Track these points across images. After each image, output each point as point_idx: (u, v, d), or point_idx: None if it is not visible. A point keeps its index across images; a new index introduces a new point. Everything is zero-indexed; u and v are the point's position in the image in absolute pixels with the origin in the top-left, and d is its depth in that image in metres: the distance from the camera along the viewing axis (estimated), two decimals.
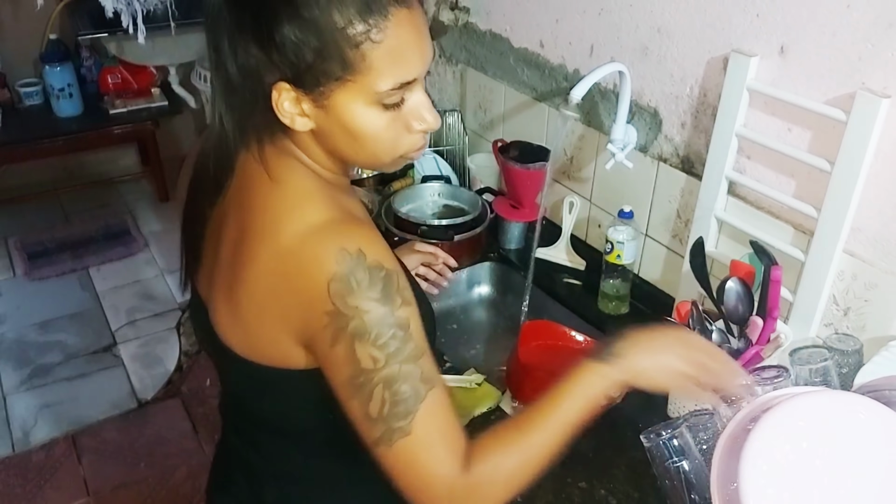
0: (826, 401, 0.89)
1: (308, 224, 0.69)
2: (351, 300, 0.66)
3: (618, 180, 1.38)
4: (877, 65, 0.93)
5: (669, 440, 0.91)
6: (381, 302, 0.67)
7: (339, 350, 0.68)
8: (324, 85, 0.68)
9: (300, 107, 0.69)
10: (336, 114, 0.69)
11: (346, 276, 0.66)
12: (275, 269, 0.70)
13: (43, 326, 2.66)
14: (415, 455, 0.69)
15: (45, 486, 2.07)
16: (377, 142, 0.72)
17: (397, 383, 0.68)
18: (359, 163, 0.76)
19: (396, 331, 0.68)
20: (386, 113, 0.70)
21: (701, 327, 1.03)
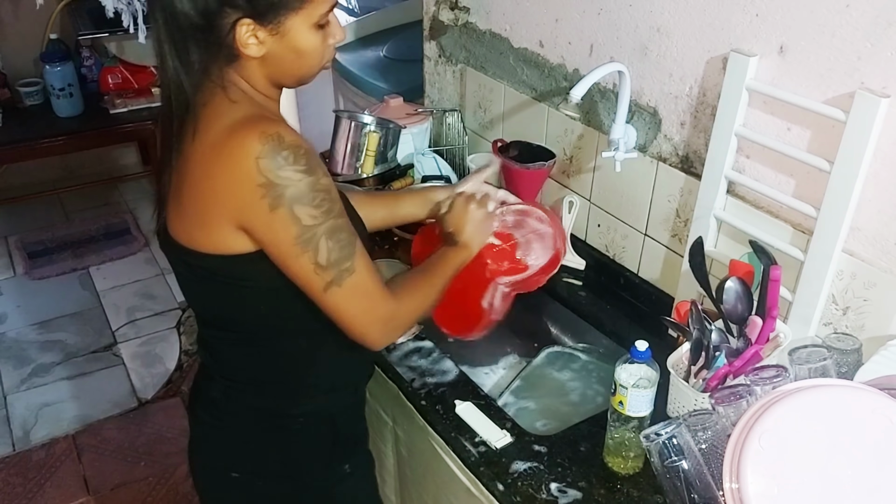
0: (831, 394, 0.89)
1: (233, 119, 0.83)
2: (282, 172, 0.80)
3: (617, 180, 1.38)
4: (876, 64, 0.93)
5: (669, 440, 0.91)
6: (307, 172, 0.82)
7: (280, 214, 0.81)
8: (281, 16, 0.83)
9: (256, 36, 0.84)
10: (288, 38, 0.85)
11: (272, 152, 0.80)
12: (207, 159, 0.83)
13: (43, 325, 2.66)
14: (363, 285, 0.88)
15: (45, 485, 2.07)
16: (314, 57, 0.88)
17: (337, 232, 0.85)
18: (295, 79, 0.91)
19: (325, 194, 0.83)
20: (319, 32, 0.87)
21: (700, 327, 1.04)
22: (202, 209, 0.86)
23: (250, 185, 0.80)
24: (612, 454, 1.03)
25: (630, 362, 0.99)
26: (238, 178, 0.81)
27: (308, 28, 0.86)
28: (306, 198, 0.82)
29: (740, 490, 0.84)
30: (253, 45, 0.84)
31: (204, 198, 0.85)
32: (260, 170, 0.80)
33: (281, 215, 0.81)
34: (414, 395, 1.19)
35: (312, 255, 0.84)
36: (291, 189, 0.81)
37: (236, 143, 0.81)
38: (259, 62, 0.86)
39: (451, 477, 1.16)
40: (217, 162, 0.82)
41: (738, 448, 0.87)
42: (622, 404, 0.99)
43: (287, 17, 0.84)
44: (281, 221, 0.82)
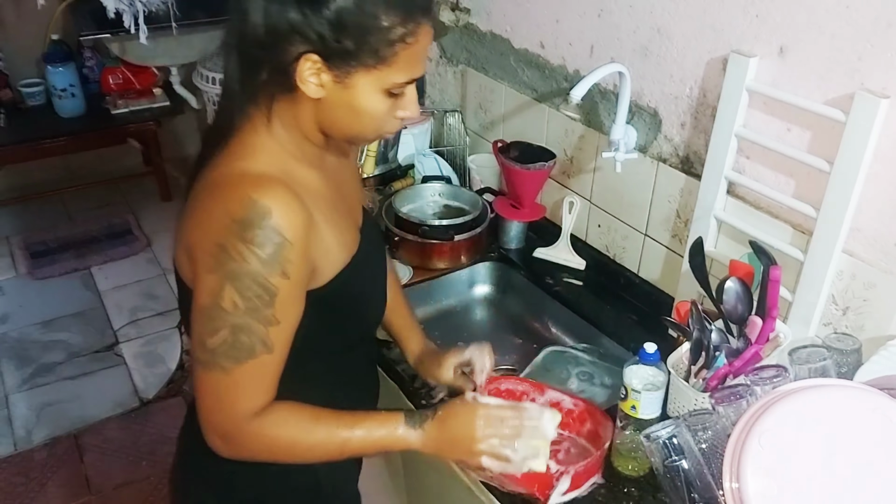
0: (831, 394, 0.89)
1: (240, 169, 0.79)
2: (240, 246, 0.74)
3: (617, 180, 1.38)
4: (876, 65, 0.94)
5: (669, 439, 0.92)
6: (263, 263, 0.75)
7: (208, 280, 0.76)
8: (352, 68, 0.77)
9: (320, 77, 0.78)
10: (351, 92, 0.79)
11: (246, 225, 0.74)
12: (200, 193, 0.80)
13: (45, 325, 2.67)
14: (221, 390, 0.80)
15: (47, 485, 2.08)
16: (372, 121, 0.82)
17: (241, 333, 0.77)
18: (344, 135, 0.85)
19: (263, 293, 0.76)
20: (388, 100, 0.81)
21: (700, 327, 1.04)
22: (180, 238, 0.82)
23: (211, 238, 0.76)
24: (622, 457, 1.03)
25: (639, 366, 0.98)
26: (206, 225, 0.77)
27: (376, 90, 0.79)
28: (242, 283, 0.75)
29: (740, 490, 0.84)
30: (312, 85, 0.78)
31: (186, 227, 0.81)
32: (226, 231, 0.75)
33: (209, 281, 0.76)
34: (414, 395, 1.19)
35: (205, 333, 0.78)
36: (235, 266, 0.75)
37: (224, 195, 0.77)
38: (313, 104, 0.80)
39: (453, 476, 1.17)
40: (205, 199, 0.79)
41: (738, 448, 0.87)
42: (635, 408, 0.97)
43: (357, 71, 0.77)
44: (206, 286, 0.77)
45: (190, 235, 0.79)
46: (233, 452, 0.84)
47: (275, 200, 0.75)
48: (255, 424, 0.82)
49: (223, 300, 0.76)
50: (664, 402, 1.07)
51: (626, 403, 0.99)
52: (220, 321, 0.77)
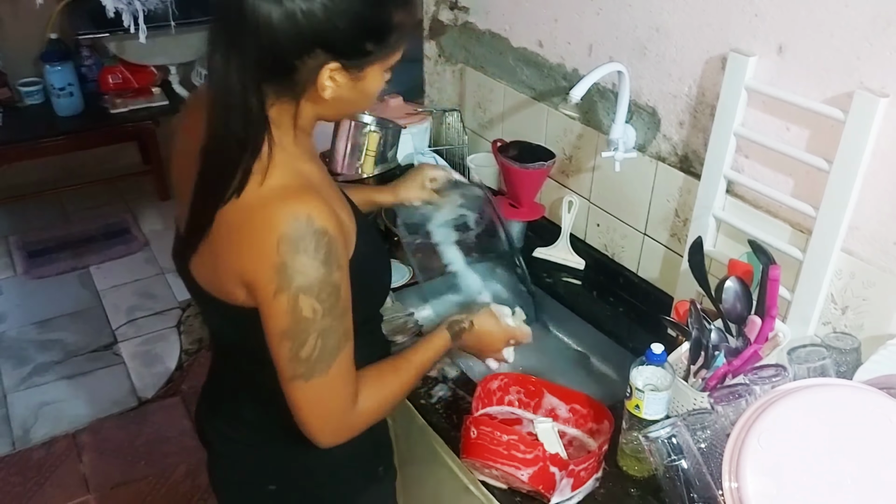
0: (830, 394, 0.89)
1: (267, 187, 0.79)
2: (299, 259, 0.77)
3: (617, 180, 1.38)
4: (875, 64, 0.94)
5: (669, 439, 0.91)
6: (323, 264, 0.78)
7: (281, 300, 0.78)
8: (368, 64, 0.81)
9: (335, 81, 0.80)
10: (364, 83, 0.83)
11: (295, 238, 0.76)
12: (233, 222, 0.80)
13: (43, 325, 2.66)
14: (325, 392, 0.84)
15: (45, 484, 2.07)
16: (370, 100, 0.87)
17: (330, 334, 0.81)
18: (340, 116, 0.92)
19: (332, 290, 0.80)
20: (384, 76, 0.85)
21: (699, 326, 1.04)
22: (218, 264, 0.83)
23: (266, 265, 0.77)
24: (627, 457, 1.03)
25: (645, 365, 0.98)
26: (258, 253, 0.78)
27: (381, 73, 0.84)
28: (313, 290, 0.78)
29: (739, 489, 0.84)
30: (330, 88, 0.80)
31: (222, 255, 0.82)
32: (279, 252, 0.76)
33: (281, 302, 0.78)
34: (414, 395, 1.19)
35: (297, 347, 0.81)
36: (301, 279, 0.77)
37: (263, 218, 0.77)
38: (319, 102, 0.83)
39: (451, 475, 1.17)
40: (242, 228, 0.79)
41: (737, 447, 0.87)
42: (638, 408, 0.98)
43: (370, 66, 0.82)
44: (280, 306, 0.79)
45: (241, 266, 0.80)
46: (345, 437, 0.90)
47: (308, 205, 0.78)
48: (357, 408, 0.88)
49: (303, 312, 0.79)
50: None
51: (630, 403, 0.99)
52: (306, 332, 0.80)
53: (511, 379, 1.13)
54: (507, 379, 1.13)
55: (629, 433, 1.01)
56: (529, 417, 1.12)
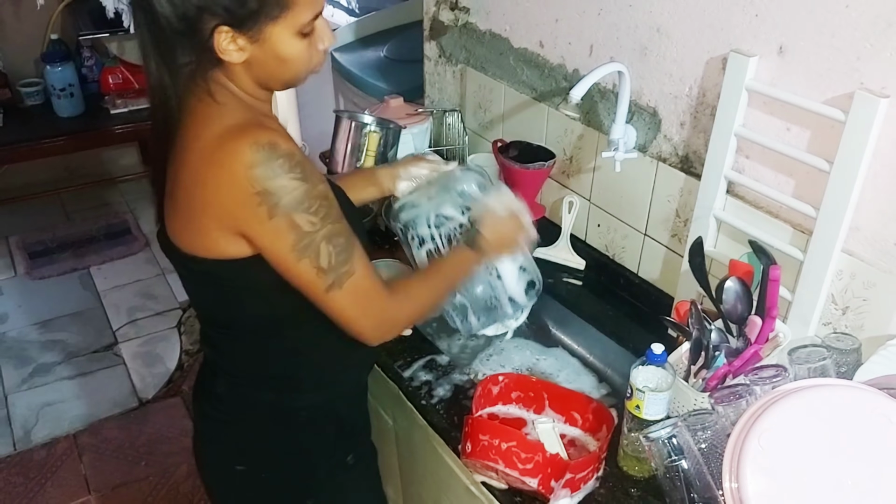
0: (831, 394, 0.89)
1: (225, 126, 0.83)
2: (277, 181, 0.81)
3: (617, 180, 1.38)
4: (875, 64, 0.94)
5: (669, 439, 0.92)
6: (302, 180, 0.82)
7: (278, 222, 0.82)
8: (261, 24, 0.83)
9: (236, 43, 0.84)
10: (269, 45, 0.85)
11: (265, 162, 0.80)
12: (199, 167, 0.83)
13: (44, 325, 2.66)
14: (363, 286, 0.89)
15: (46, 485, 2.07)
16: (298, 63, 0.88)
17: (336, 237, 0.86)
18: (281, 83, 0.91)
19: (322, 200, 0.84)
20: (304, 40, 0.87)
21: (700, 327, 1.04)
22: (196, 216, 0.86)
23: (245, 195, 0.81)
24: (627, 458, 1.03)
25: (645, 365, 0.98)
26: (231, 188, 0.81)
27: (290, 36, 0.85)
28: (303, 205, 0.83)
29: (740, 489, 0.84)
30: (233, 52, 0.84)
31: (197, 205, 0.85)
32: (253, 179, 0.80)
33: (278, 223, 0.82)
34: (414, 395, 1.19)
35: (313, 260, 0.85)
36: (288, 197, 0.81)
37: (228, 152, 0.81)
38: (244, 67, 0.86)
39: (451, 475, 1.17)
40: (209, 170, 0.82)
41: (737, 447, 0.87)
42: (639, 408, 0.98)
43: (266, 26, 0.83)
44: (279, 229, 0.83)
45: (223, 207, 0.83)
46: (392, 332, 0.97)
47: (268, 134, 0.82)
48: (394, 300, 0.93)
49: (302, 227, 0.83)
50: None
51: (630, 403, 0.99)
52: (315, 243, 0.84)
53: (511, 380, 1.13)
54: (507, 380, 1.13)
55: (630, 433, 1.01)
56: (530, 418, 1.12)
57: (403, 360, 1.25)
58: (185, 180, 0.86)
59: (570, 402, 1.11)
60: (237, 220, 0.83)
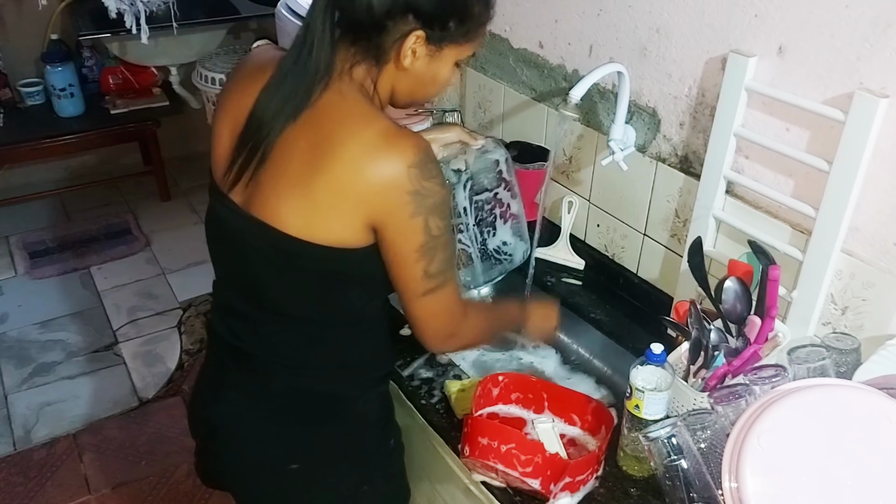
0: (830, 394, 0.89)
1: (387, 126, 0.87)
2: (428, 183, 0.86)
3: (617, 180, 1.38)
4: (875, 65, 0.94)
5: (668, 439, 0.92)
6: (442, 186, 0.88)
7: (417, 221, 0.87)
8: (446, 43, 0.90)
9: (416, 51, 0.88)
10: (437, 63, 0.91)
11: (423, 164, 0.86)
12: (360, 158, 0.85)
13: (44, 325, 2.66)
14: (451, 299, 0.95)
15: (46, 484, 2.07)
16: (440, 87, 0.96)
17: (449, 246, 0.92)
18: (409, 101, 0.96)
19: (448, 209, 0.90)
20: (454, 69, 0.94)
21: (699, 327, 1.04)
22: (333, 203, 0.86)
23: (400, 191, 0.85)
24: (627, 457, 1.03)
25: (644, 365, 0.98)
26: (391, 183, 0.85)
27: (453, 61, 0.92)
28: (441, 210, 0.88)
29: (739, 489, 0.84)
30: (409, 58, 0.88)
31: (344, 193, 0.86)
32: (411, 178, 0.85)
33: (417, 223, 0.87)
34: (414, 394, 1.19)
35: (427, 264, 0.89)
36: (432, 200, 0.87)
37: (395, 150, 0.85)
38: (398, 74, 0.91)
39: (451, 474, 1.17)
40: (372, 163, 0.85)
41: (737, 447, 0.87)
42: (638, 408, 0.98)
43: (448, 46, 0.90)
44: (415, 228, 0.87)
45: (361, 197, 0.86)
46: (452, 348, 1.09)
47: (424, 139, 0.88)
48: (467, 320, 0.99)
49: (432, 230, 0.88)
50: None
51: (630, 403, 0.99)
52: (434, 249, 0.89)
53: (511, 379, 1.13)
54: (507, 379, 1.13)
55: (629, 433, 1.01)
56: (530, 417, 1.12)
57: (403, 359, 1.25)
58: (340, 174, 0.85)
59: (570, 402, 1.12)
60: (380, 211, 0.86)
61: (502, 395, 1.13)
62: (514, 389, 1.13)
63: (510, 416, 1.13)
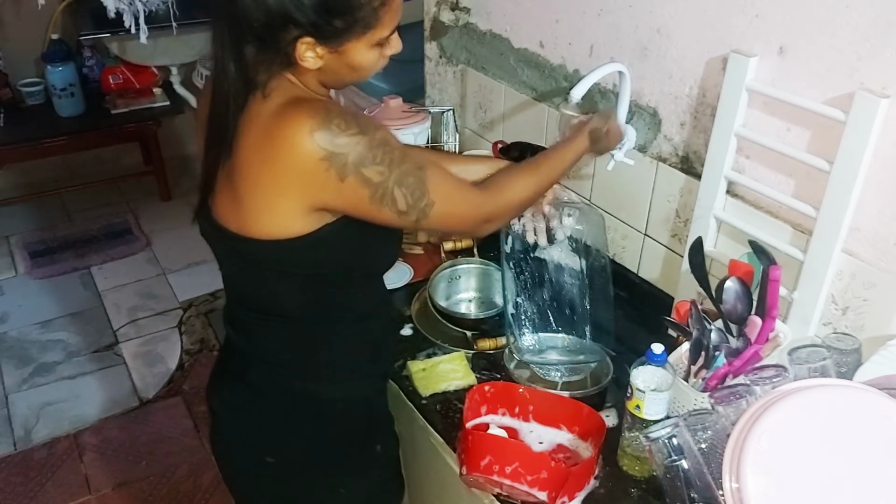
0: (831, 394, 0.89)
1: (278, 103, 0.86)
2: (338, 140, 0.83)
3: (617, 180, 1.38)
4: (876, 65, 0.94)
5: (669, 439, 0.92)
6: (361, 133, 0.84)
7: (350, 181, 0.84)
8: (344, 40, 0.86)
9: (315, 52, 0.86)
10: (346, 57, 0.88)
11: (324, 125, 0.82)
12: (262, 143, 0.85)
13: (45, 325, 2.67)
14: (446, 211, 0.93)
15: (46, 485, 2.07)
16: (368, 70, 0.92)
17: (406, 178, 0.88)
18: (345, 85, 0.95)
19: (384, 147, 0.86)
20: (378, 49, 0.90)
21: (700, 327, 1.04)
22: (263, 195, 0.87)
23: (313, 161, 0.82)
24: (628, 458, 1.03)
25: (645, 365, 0.98)
26: (299, 158, 0.83)
27: (367, 48, 0.88)
28: (368, 158, 0.84)
29: (740, 489, 0.84)
30: (311, 59, 0.86)
31: (265, 184, 0.86)
32: (318, 144, 0.82)
33: (351, 182, 0.84)
34: (414, 395, 1.19)
35: (391, 206, 0.88)
36: (353, 154, 0.83)
37: (288, 124, 0.83)
38: (315, 71, 0.89)
39: (453, 476, 1.17)
40: (272, 146, 0.84)
41: (737, 448, 0.87)
42: (639, 408, 0.98)
43: (348, 41, 0.87)
44: (353, 188, 0.85)
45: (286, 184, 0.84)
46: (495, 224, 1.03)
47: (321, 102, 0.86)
48: (486, 198, 0.99)
49: (373, 179, 0.85)
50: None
51: (630, 403, 0.99)
52: (389, 191, 0.86)
53: (498, 389, 1.12)
54: (493, 389, 1.12)
55: (630, 433, 1.01)
56: (519, 426, 1.12)
57: (403, 359, 1.25)
58: (249, 161, 0.86)
59: (560, 408, 1.11)
60: (312, 191, 0.85)
61: (490, 404, 1.12)
62: (501, 398, 1.12)
63: (502, 426, 1.12)
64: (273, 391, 1.03)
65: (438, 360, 1.24)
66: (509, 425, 1.12)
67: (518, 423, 1.12)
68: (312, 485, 1.07)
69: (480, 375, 1.22)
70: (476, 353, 1.28)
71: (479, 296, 1.46)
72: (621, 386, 1.08)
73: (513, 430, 1.11)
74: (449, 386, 1.19)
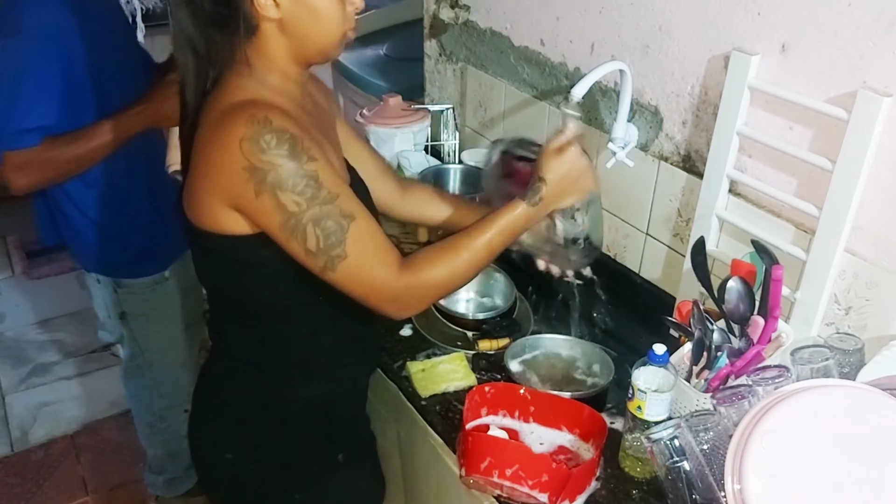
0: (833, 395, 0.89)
1: (229, 102, 0.85)
2: (264, 156, 0.81)
3: (619, 179, 1.37)
4: (878, 63, 0.93)
5: (671, 440, 0.91)
6: (289, 158, 0.82)
7: (264, 200, 0.82)
8: None
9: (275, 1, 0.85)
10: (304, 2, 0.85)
11: (255, 136, 0.81)
12: (203, 142, 0.85)
13: (42, 325, 2.66)
14: (356, 272, 0.87)
15: (43, 485, 2.07)
16: (332, 21, 0.88)
17: (324, 220, 0.84)
18: (317, 49, 0.91)
19: (308, 180, 0.83)
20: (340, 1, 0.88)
21: (702, 327, 1.03)
22: (199, 189, 0.88)
23: (236, 168, 0.82)
24: (630, 459, 1.03)
25: (647, 366, 0.97)
26: (225, 160, 0.82)
27: None
28: (288, 183, 0.82)
29: (742, 491, 0.84)
30: (271, 8, 0.85)
31: (200, 178, 0.87)
32: (243, 152, 0.81)
33: (265, 201, 0.82)
34: (414, 396, 1.18)
35: (300, 242, 0.85)
36: (273, 174, 0.81)
37: (226, 125, 0.83)
38: (279, 31, 0.87)
39: (452, 477, 1.16)
40: (210, 143, 0.84)
41: (739, 449, 0.86)
42: (640, 409, 0.97)
43: None
44: (266, 207, 0.83)
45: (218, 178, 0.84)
46: (410, 309, 0.93)
47: (268, 111, 0.83)
48: (407, 276, 0.89)
49: (287, 207, 0.82)
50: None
51: (632, 404, 0.98)
52: (301, 224, 0.83)
53: (498, 390, 1.12)
54: (493, 390, 1.11)
55: (631, 434, 1.00)
56: (520, 427, 1.11)
57: (403, 360, 1.24)
58: (196, 158, 0.87)
59: (561, 409, 1.10)
60: (231, 195, 0.84)
61: (491, 405, 1.12)
62: (501, 399, 1.12)
63: (502, 427, 1.11)
64: (233, 387, 1.04)
65: (438, 361, 1.23)
66: (510, 426, 1.11)
67: (519, 424, 1.12)
68: (265, 486, 1.06)
69: (480, 376, 1.22)
70: (476, 353, 1.27)
71: (479, 296, 1.45)
72: (623, 387, 1.07)
73: (513, 431, 1.10)
74: (449, 387, 1.18)
